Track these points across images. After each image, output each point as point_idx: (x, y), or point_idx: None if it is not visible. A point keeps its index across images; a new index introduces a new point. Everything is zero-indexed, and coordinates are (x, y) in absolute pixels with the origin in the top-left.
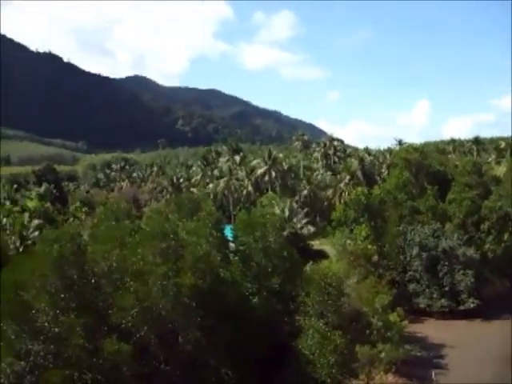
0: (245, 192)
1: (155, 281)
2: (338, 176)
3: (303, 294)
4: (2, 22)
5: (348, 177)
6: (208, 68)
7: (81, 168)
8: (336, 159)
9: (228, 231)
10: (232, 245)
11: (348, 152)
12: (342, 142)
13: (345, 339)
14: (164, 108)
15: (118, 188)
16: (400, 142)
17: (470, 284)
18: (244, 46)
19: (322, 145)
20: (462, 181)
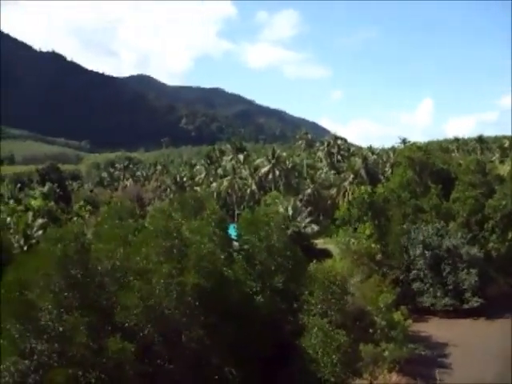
0: (248, 191)
1: (159, 280)
2: (342, 175)
3: (307, 292)
4: (5, 21)
5: (352, 176)
6: (211, 67)
7: (84, 167)
8: (340, 158)
9: (232, 230)
10: (236, 244)
11: (352, 151)
12: (345, 140)
13: (348, 338)
14: (168, 107)
15: (122, 187)
16: (404, 141)
17: (473, 283)
18: (247, 45)
19: (325, 144)
20: (466, 179)
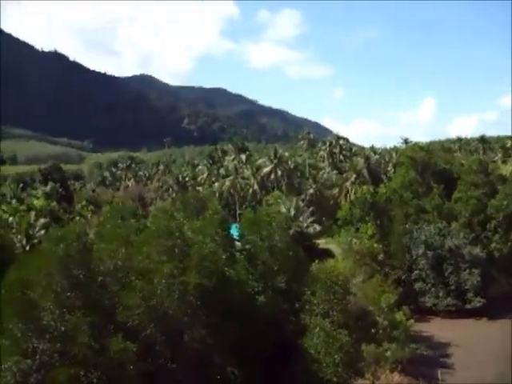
0: (251, 191)
1: (161, 279)
2: (344, 175)
3: (309, 292)
4: (7, 21)
5: (354, 175)
6: (213, 67)
7: (87, 167)
8: (342, 158)
9: (234, 230)
10: (238, 243)
11: (354, 151)
12: (347, 140)
13: (350, 338)
14: (170, 107)
15: (124, 187)
16: (406, 141)
17: (476, 283)
18: (249, 45)
19: (327, 143)
20: (468, 179)
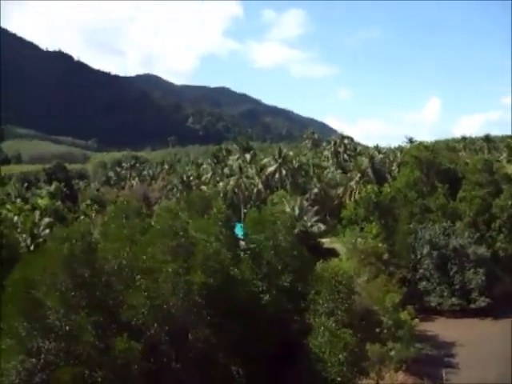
0: (255, 190)
1: (165, 279)
2: (349, 174)
3: (313, 292)
4: (11, 20)
5: (358, 175)
6: (218, 66)
7: (91, 166)
8: (346, 157)
9: (238, 229)
10: (242, 243)
11: (358, 150)
12: (352, 139)
13: (355, 337)
14: (174, 106)
15: (129, 186)
16: (411, 140)
17: (480, 282)
18: (254, 44)
19: (332, 143)
20: (473, 179)
